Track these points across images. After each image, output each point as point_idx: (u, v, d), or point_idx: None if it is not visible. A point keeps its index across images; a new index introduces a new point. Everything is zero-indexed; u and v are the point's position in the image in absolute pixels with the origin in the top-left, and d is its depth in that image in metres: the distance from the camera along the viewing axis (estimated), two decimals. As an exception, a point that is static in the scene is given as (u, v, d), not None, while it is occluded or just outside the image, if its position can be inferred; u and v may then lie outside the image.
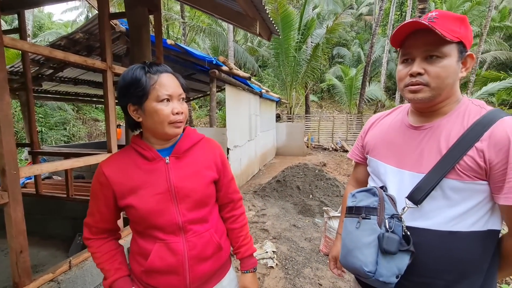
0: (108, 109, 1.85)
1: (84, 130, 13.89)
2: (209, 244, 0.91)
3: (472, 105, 0.77)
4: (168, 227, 0.86)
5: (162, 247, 0.85)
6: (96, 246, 0.92)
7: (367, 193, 0.83)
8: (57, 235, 3.09)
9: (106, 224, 0.92)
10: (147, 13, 2.29)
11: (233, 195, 1.03)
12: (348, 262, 0.80)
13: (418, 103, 0.78)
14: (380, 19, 13.18)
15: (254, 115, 7.06)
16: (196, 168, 0.91)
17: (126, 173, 0.86)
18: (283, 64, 11.80)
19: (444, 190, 0.73)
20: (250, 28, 2.35)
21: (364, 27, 23.81)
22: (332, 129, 13.07)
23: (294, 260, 2.76)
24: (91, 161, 1.76)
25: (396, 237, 0.73)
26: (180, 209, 0.86)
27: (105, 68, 1.83)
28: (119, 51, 4.49)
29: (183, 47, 4.12)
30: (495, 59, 16.00)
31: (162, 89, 0.81)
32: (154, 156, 0.87)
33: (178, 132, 0.86)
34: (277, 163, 8.71)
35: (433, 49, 0.72)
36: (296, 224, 3.67)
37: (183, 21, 13.33)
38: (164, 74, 0.83)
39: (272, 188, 5.03)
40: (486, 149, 0.69)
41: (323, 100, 20.81)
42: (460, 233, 0.72)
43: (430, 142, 0.77)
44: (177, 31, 19.08)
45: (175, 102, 0.83)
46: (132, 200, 0.84)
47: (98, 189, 0.87)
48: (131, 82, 0.81)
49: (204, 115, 18.59)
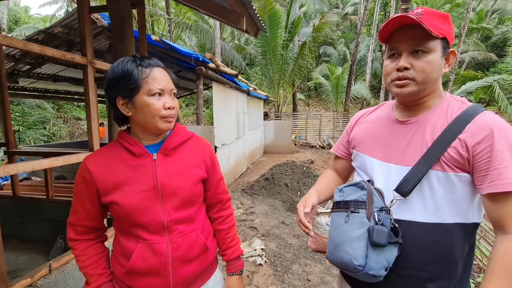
0: (90, 106, 1.78)
1: (65, 129, 13.38)
2: (195, 245, 0.88)
3: (455, 101, 0.80)
4: (152, 225, 0.82)
5: (144, 248, 0.82)
6: (81, 248, 0.87)
7: (355, 187, 0.83)
8: (37, 238, 2.95)
9: (92, 222, 0.88)
10: (130, 7, 2.21)
11: (222, 195, 1.01)
12: (337, 257, 0.80)
13: (404, 97, 0.80)
14: (365, 19, 13.44)
15: (241, 113, 7.03)
16: (184, 166, 0.88)
17: (111, 169, 0.83)
18: (270, 62, 11.82)
19: (430, 182, 0.74)
20: (236, 24, 2.32)
21: (350, 26, 24.19)
22: (319, 127, 13.23)
23: (283, 257, 2.77)
24: (72, 160, 1.69)
25: (386, 230, 0.73)
26: (166, 208, 0.84)
27: (85, 63, 1.76)
28: (101, 47, 4.34)
29: (168, 43, 4.03)
30: (473, 59, 16.67)
31: (154, 83, 0.79)
32: (141, 152, 0.84)
33: (170, 126, 0.84)
34: (265, 161, 8.72)
35: (419, 44, 0.74)
36: (284, 221, 3.69)
37: (168, 17, 13.07)
38: (156, 68, 0.81)
39: (260, 186, 5.03)
40: (469, 139, 0.70)
41: (310, 99, 21.02)
42: (445, 225, 0.74)
43: (416, 135, 0.79)
44: (162, 27, 18.68)
45: (166, 97, 0.82)
46: (116, 196, 0.81)
47: (82, 184, 0.83)
48: (122, 75, 0.78)
49: (191, 113, 18.35)
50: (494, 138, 0.68)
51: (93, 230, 0.90)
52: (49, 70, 4.92)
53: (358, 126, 0.99)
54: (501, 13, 20.42)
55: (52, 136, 12.28)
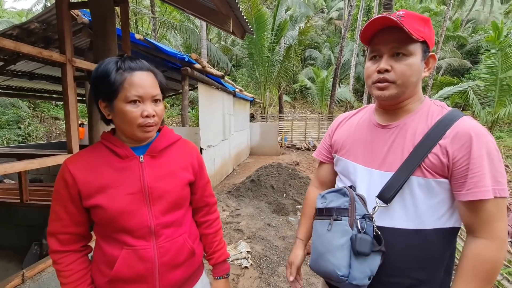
0: (69, 106, 1.70)
1: (42, 129, 12.75)
2: (182, 249, 0.86)
3: (434, 105, 0.80)
4: (138, 230, 0.79)
5: (129, 254, 0.78)
6: (66, 263, 0.80)
7: (337, 194, 0.82)
8: (10, 245, 2.79)
9: (79, 228, 0.81)
10: (112, 4, 2.14)
11: (209, 199, 0.99)
12: (320, 267, 0.79)
13: (385, 100, 0.80)
14: (349, 24, 13.78)
15: (228, 114, 6.99)
16: (172, 169, 0.86)
17: (95, 171, 0.78)
18: (257, 64, 11.85)
19: (411, 188, 0.74)
20: (223, 26, 2.31)
21: (334, 31, 24.72)
22: (305, 129, 13.39)
23: (269, 259, 2.77)
24: (49, 162, 1.61)
25: (369, 238, 0.72)
26: (153, 211, 0.81)
27: (64, 61, 1.68)
28: (82, 45, 4.18)
29: (153, 43, 3.94)
30: (450, 66, 17.49)
31: (131, 89, 0.74)
32: (127, 154, 0.81)
33: (148, 136, 0.81)
34: (251, 162, 8.72)
35: (400, 47, 0.75)
36: (270, 223, 3.69)
37: (153, 16, 12.81)
38: (137, 72, 0.76)
39: (246, 187, 5.01)
40: (449, 145, 0.71)
41: (296, 101, 21.25)
42: (426, 230, 0.74)
43: (397, 140, 0.79)
44: (146, 26, 18.28)
45: (147, 104, 0.76)
46: (100, 199, 0.77)
47: (63, 188, 0.78)
48: (101, 77, 0.75)
49: (176, 114, 18.04)
50: (473, 144, 0.69)
51: (79, 239, 0.83)
52: (25, 68, 4.67)
53: (340, 129, 0.99)
54: (475, 23, 21.63)
55: (28, 137, 11.67)
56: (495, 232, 0.68)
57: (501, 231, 0.69)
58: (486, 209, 0.68)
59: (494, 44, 9.60)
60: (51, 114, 14.23)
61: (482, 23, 20.97)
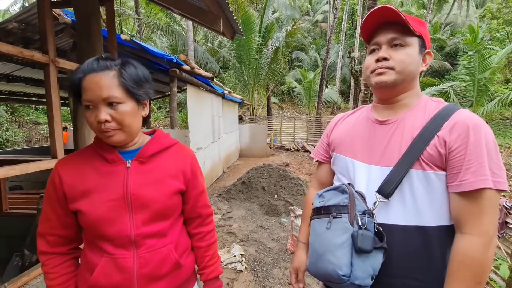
0: (52, 109, 1.62)
1: (21, 134, 12.19)
2: (166, 261, 0.80)
3: (431, 101, 0.81)
4: (118, 239, 0.76)
5: (108, 263, 0.76)
6: (52, 265, 0.79)
7: (336, 191, 0.81)
8: (-13, 257, 2.62)
9: (66, 230, 0.80)
10: (97, 3, 2.07)
11: (202, 210, 0.93)
12: (319, 268, 0.75)
13: (384, 87, 0.80)
14: (334, 27, 14.03)
15: (217, 116, 6.93)
16: (159, 176, 0.82)
17: (81, 174, 0.77)
18: (245, 66, 11.84)
19: (410, 182, 0.73)
20: (213, 26, 2.28)
21: (320, 33, 25.13)
22: (294, 130, 13.48)
23: (263, 262, 2.74)
24: (31, 168, 1.52)
25: (370, 234, 0.70)
26: (135, 220, 0.77)
27: (47, 62, 1.60)
28: (64, 45, 4.02)
29: (139, 44, 3.84)
30: (431, 67, 18.15)
31: (84, 94, 0.71)
32: (114, 158, 0.78)
33: (113, 141, 0.75)
34: (241, 164, 8.67)
35: (399, 37, 0.77)
36: (262, 225, 3.66)
37: (138, 17, 12.57)
38: (89, 75, 0.70)
39: (237, 190, 4.97)
40: (447, 135, 0.71)
41: (284, 102, 21.40)
42: (427, 228, 0.72)
43: (395, 135, 0.79)
44: (131, 27, 17.92)
45: (100, 109, 0.71)
46: (82, 204, 0.75)
47: (52, 189, 0.78)
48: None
49: (163, 117, 17.74)
50: (470, 135, 0.68)
51: (67, 241, 0.81)
52: (2, 70, 4.45)
53: (337, 128, 0.98)
54: (453, 26, 22.59)
55: (6, 142, 11.12)
56: (482, 228, 0.66)
57: (489, 227, 0.66)
58: (479, 201, 0.66)
59: (471, 47, 10.03)
60: (31, 119, 13.66)
61: (460, 27, 21.94)
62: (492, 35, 16.39)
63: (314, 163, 1.14)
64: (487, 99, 10.48)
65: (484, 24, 18.35)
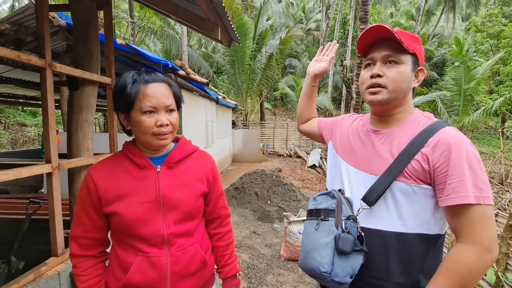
0: (48, 113, 1.60)
1: (6, 136, 11.86)
2: (194, 259, 0.88)
3: (422, 116, 0.86)
4: (152, 238, 0.82)
5: (143, 261, 0.82)
6: (84, 267, 0.84)
7: (327, 196, 0.88)
8: (-29, 264, 2.52)
9: (99, 233, 0.86)
10: (95, 8, 2.07)
11: (221, 211, 1.00)
12: (306, 264, 0.82)
13: (377, 105, 0.85)
14: (327, 35, 14.35)
15: (210, 121, 6.93)
16: (187, 180, 0.89)
17: (115, 179, 0.83)
18: (238, 71, 11.92)
19: (393, 192, 0.78)
20: (211, 34, 2.31)
21: (313, 41, 25.60)
22: (286, 135, 13.58)
23: (256, 268, 2.74)
24: (24, 173, 1.49)
25: (351, 238, 0.77)
26: (167, 221, 0.83)
27: (44, 66, 1.58)
28: (58, 48, 3.98)
29: (135, 48, 3.84)
30: (419, 76, 18.69)
31: (145, 100, 0.79)
32: (145, 164, 0.85)
33: (163, 144, 0.84)
34: (233, 170, 8.65)
35: (392, 55, 0.81)
36: (256, 231, 3.66)
37: (132, 21, 12.52)
38: (151, 84, 0.80)
39: (230, 195, 4.96)
40: (430, 153, 0.75)
41: (277, 108, 21.57)
42: (408, 234, 0.77)
43: (384, 146, 0.84)
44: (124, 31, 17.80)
45: (161, 114, 0.81)
46: (117, 207, 0.80)
47: (86, 193, 0.83)
48: (119, 90, 0.80)
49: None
50: (452, 152, 0.72)
51: (98, 244, 0.87)
52: (-9, 71, 4.35)
53: (342, 127, 1.03)
54: (440, 37, 23.42)
55: (-10, 144, 10.78)
56: (476, 238, 0.68)
57: (484, 238, 0.68)
58: (468, 215, 0.69)
59: (457, 58, 10.42)
60: (17, 120, 13.29)
61: (446, 38, 22.76)
62: (476, 47, 17.04)
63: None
64: (472, 108, 10.85)
65: (469, 37, 19.10)
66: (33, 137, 12.73)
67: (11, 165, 2.03)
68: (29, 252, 2.56)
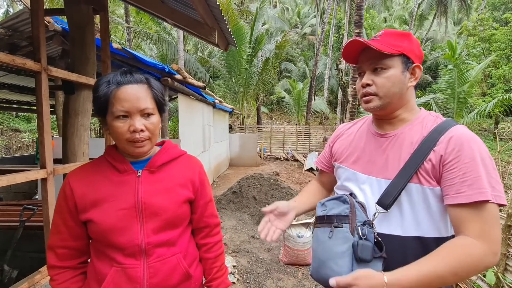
0: (43, 118, 1.58)
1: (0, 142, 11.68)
2: (175, 271, 0.80)
3: (429, 116, 0.85)
4: (128, 248, 0.76)
5: (118, 273, 0.75)
6: (61, 280, 0.78)
7: (337, 201, 0.83)
8: (-38, 274, 2.45)
9: (77, 242, 0.80)
10: (91, 12, 2.07)
11: (210, 219, 0.93)
12: (322, 275, 0.77)
13: (372, 112, 0.86)
14: (322, 40, 14.49)
15: (207, 125, 6.91)
16: (170, 185, 0.83)
17: (93, 185, 0.78)
18: (235, 75, 11.96)
19: (409, 195, 0.76)
20: (208, 38, 2.31)
21: (308, 45, 25.84)
22: (283, 139, 13.61)
23: (255, 273, 2.71)
24: (19, 179, 1.46)
25: (370, 244, 0.72)
26: (145, 229, 0.77)
27: (39, 70, 1.57)
28: (53, 53, 3.96)
29: (131, 52, 3.83)
30: (413, 80, 18.94)
31: (117, 104, 0.73)
32: (125, 168, 0.79)
33: (140, 151, 0.78)
34: (231, 174, 8.62)
35: (377, 62, 0.81)
36: (254, 235, 3.63)
37: (127, 26, 12.53)
38: (125, 86, 0.74)
39: (228, 199, 4.93)
40: (443, 150, 0.74)
41: (273, 112, 21.64)
42: (424, 239, 0.75)
43: (395, 148, 0.82)
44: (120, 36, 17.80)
45: (135, 119, 0.74)
46: (93, 213, 0.75)
47: (63, 199, 0.78)
48: (93, 93, 0.76)
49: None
50: (464, 149, 0.71)
51: (77, 254, 0.81)
52: (-15, 76, 4.31)
53: (340, 139, 1.01)
54: (433, 41, 23.81)
55: (-17, 151, 10.62)
56: (486, 237, 0.67)
57: (493, 238, 0.67)
58: (479, 213, 0.68)
59: (450, 61, 10.57)
60: (11, 126, 13.15)
61: (439, 42, 23.13)
62: (469, 50, 17.34)
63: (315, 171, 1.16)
64: (466, 111, 10.99)
65: (462, 40, 19.45)
66: (27, 143, 12.57)
67: (5, 171, 1.99)
68: (23, 260, 2.50)
